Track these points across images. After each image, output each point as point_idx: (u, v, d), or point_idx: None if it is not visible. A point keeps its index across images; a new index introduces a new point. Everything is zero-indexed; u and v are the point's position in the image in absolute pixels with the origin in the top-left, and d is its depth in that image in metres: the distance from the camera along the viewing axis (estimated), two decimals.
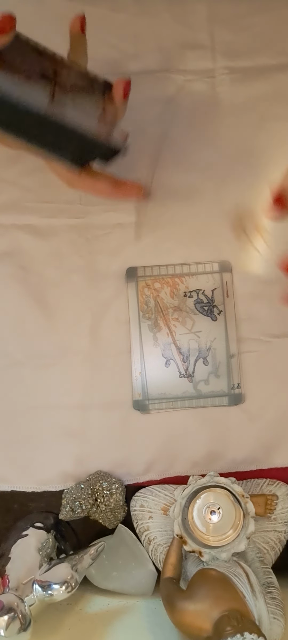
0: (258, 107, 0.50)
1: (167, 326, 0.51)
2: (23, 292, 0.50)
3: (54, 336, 0.50)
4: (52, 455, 0.50)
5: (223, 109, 0.50)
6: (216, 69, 0.50)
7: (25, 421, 0.50)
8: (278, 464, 0.50)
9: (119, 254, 0.51)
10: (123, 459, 0.50)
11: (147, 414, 0.50)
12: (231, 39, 0.50)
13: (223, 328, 0.50)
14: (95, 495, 0.49)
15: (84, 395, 0.50)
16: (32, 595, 0.42)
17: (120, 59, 0.50)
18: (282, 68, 0.50)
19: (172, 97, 0.50)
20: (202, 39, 0.50)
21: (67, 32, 0.50)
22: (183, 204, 0.51)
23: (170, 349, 0.50)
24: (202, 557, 0.43)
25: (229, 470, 0.50)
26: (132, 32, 0.50)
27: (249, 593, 0.40)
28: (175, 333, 0.50)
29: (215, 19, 0.50)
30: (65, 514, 0.48)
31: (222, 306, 0.50)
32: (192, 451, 0.50)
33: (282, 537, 0.48)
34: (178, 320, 0.51)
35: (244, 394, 0.50)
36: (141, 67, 0.50)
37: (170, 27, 0.50)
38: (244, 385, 0.50)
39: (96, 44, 0.50)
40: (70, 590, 0.42)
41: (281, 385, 0.50)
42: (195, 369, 0.50)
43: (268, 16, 0.50)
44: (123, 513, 0.49)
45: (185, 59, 0.50)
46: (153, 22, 0.50)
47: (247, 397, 0.50)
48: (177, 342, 0.50)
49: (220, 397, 0.50)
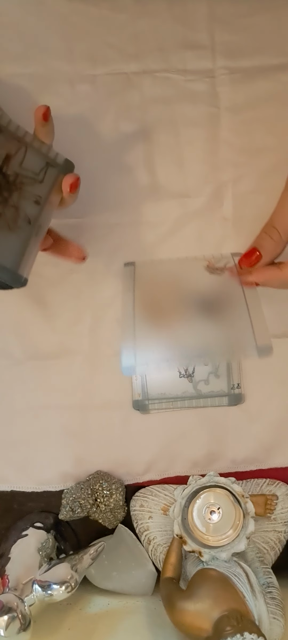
0: (258, 107, 0.50)
1: None
2: (23, 292, 0.50)
3: (54, 336, 0.50)
4: (51, 455, 0.50)
5: (223, 109, 0.50)
6: (216, 69, 0.50)
7: (25, 421, 0.50)
8: (278, 464, 0.50)
9: (118, 253, 0.51)
10: (123, 459, 0.50)
11: (147, 414, 0.50)
12: (231, 39, 0.50)
13: None
14: (95, 495, 0.49)
15: (83, 395, 0.50)
16: (32, 595, 0.42)
17: (120, 59, 0.50)
18: (282, 68, 0.50)
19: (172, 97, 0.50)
20: (202, 39, 0.50)
21: (67, 32, 0.50)
22: (183, 204, 0.50)
23: None
24: (201, 557, 0.43)
25: (229, 470, 0.50)
26: (132, 32, 0.50)
27: (249, 593, 0.40)
28: None
29: (215, 19, 0.50)
30: (65, 514, 0.48)
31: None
32: (192, 451, 0.50)
33: (282, 537, 0.48)
34: None
35: (244, 394, 0.50)
36: (141, 67, 0.50)
37: (170, 27, 0.50)
38: (244, 386, 0.50)
39: (96, 44, 0.50)
40: (70, 590, 0.42)
41: (281, 385, 0.50)
42: (195, 369, 0.50)
43: (268, 16, 0.50)
44: (123, 513, 0.49)
45: (185, 59, 0.50)
46: (154, 22, 0.50)
47: (247, 397, 0.50)
48: None
49: (220, 397, 0.50)
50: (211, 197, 0.50)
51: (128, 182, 0.50)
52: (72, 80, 0.50)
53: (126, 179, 0.50)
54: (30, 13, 0.50)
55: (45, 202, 0.41)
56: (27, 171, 0.41)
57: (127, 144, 0.50)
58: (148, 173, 0.50)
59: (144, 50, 0.50)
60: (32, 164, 0.41)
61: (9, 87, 0.49)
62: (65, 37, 0.50)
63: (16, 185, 0.40)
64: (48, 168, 0.42)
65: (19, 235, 0.40)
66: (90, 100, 0.50)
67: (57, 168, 0.42)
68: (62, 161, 0.42)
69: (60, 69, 0.50)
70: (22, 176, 0.40)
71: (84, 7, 0.50)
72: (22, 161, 0.40)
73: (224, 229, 0.51)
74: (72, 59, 0.50)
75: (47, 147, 0.42)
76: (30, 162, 0.41)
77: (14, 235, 0.40)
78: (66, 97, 0.50)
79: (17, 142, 0.40)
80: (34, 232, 0.41)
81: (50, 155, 0.42)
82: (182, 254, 0.51)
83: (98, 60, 0.50)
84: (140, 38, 0.50)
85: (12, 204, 0.40)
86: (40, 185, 0.41)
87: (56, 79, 0.50)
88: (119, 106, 0.50)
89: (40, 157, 0.41)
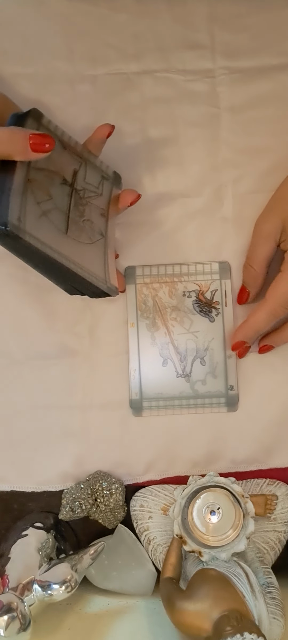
0: (258, 107, 0.50)
1: (165, 326, 0.50)
2: (23, 292, 0.50)
3: (54, 336, 0.50)
4: (51, 455, 0.50)
5: (223, 109, 0.50)
6: (216, 69, 0.50)
7: (25, 421, 0.50)
8: (278, 464, 0.50)
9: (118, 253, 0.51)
10: (123, 459, 0.50)
11: (144, 413, 0.50)
12: (231, 39, 0.50)
13: (221, 329, 0.50)
14: (95, 495, 0.49)
15: (83, 395, 0.50)
16: (32, 595, 0.42)
17: (120, 59, 0.50)
18: (282, 68, 0.50)
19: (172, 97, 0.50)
20: (202, 39, 0.50)
21: (67, 32, 0.50)
22: (183, 204, 0.51)
23: (168, 348, 0.50)
24: (201, 557, 0.43)
25: (229, 470, 0.50)
26: (132, 32, 0.50)
27: (249, 593, 0.40)
28: (173, 333, 0.50)
29: (215, 19, 0.50)
30: (65, 514, 0.48)
31: (220, 307, 0.50)
32: (191, 451, 0.50)
33: (282, 537, 0.48)
34: (177, 320, 0.50)
35: (241, 394, 0.50)
36: (141, 67, 0.50)
37: (170, 27, 0.50)
38: (243, 386, 0.50)
39: (96, 44, 0.50)
40: (70, 590, 0.42)
41: (281, 385, 0.50)
42: (192, 369, 0.50)
43: (268, 16, 0.50)
44: (123, 513, 0.49)
45: (185, 59, 0.50)
46: (154, 22, 0.50)
47: (247, 397, 0.50)
48: (174, 342, 0.50)
49: (217, 398, 0.50)
50: (211, 197, 0.50)
51: (128, 182, 0.50)
52: (72, 80, 0.50)
53: (126, 179, 0.50)
54: (30, 13, 0.50)
55: (108, 214, 0.43)
56: (90, 185, 0.42)
57: (127, 144, 0.50)
58: (148, 173, 0.50)
59: (144, 50, 0.50)
60: (92, 178, 0.42)
61: (9, 87, 0.49)
62: (65, 37, 0.50)
63: (86, 200, 0.41)
64: (103, 181, 0.43)
65: (99, 247, 0.42)
66: (90, 100, 0.50)
67: (109, 181, 0.44)
68: (112, 173, 0.44)
69: (61, 69, 0.50)
70: (88, 190, 0.42)
71: (84, 7, 0.50)
72: (85, 176, 0.42)
73: (224, 229, 0.51)
74: (72, 59, 0.50)
75: (99, 161, 0.43)
76: (90, 176, 0.42)
77: (96, 248, 0.42)
78: (66, 97, 0.50)
79: (78, 158, 0.41)
80: (106, 243, 0.43)
81: (103, 169, 0.43)
82: (182, 254, 0.51)
83: (98, 60, 0.50)
84: (140, 38, 0.50)
85: (87, 218, 0.41)
86: (101, 198, 0.43)
87: (56, 79, 0.50)
88: (119, 106, 0.50)
89: (97, 170, 0.43)
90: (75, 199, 0.40)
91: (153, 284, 0.50)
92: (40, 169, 0.38)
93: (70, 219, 0.40)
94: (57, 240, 0.38)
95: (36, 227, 0.36)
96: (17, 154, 0.36)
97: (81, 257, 0.40)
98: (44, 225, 0.38)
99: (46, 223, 0.38)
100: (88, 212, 0.41)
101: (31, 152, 0.36)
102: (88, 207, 0.41)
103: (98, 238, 0.42)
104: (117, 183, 0.45)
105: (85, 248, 0.41)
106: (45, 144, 0.36)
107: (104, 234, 0.43)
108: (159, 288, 0.50)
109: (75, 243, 0.40)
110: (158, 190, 0.50)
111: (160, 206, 0.50)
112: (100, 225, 0.43)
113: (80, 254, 0.40)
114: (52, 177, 0.39)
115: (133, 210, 0.49)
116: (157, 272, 0.51)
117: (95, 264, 0.41)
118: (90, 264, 0.40)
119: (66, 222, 0.39)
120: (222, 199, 0.50)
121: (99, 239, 0.42)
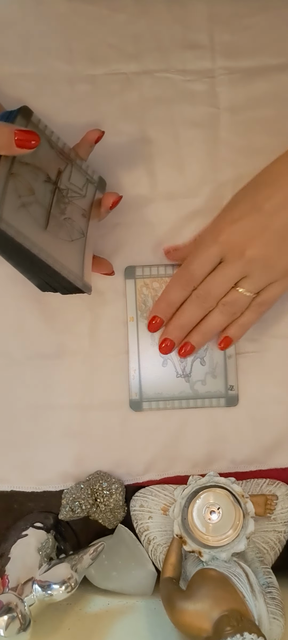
0: (258, 107, 0.50)
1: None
2: (23, 292, 0.50)
3: (54, 336, 0.50)
4: (51, 455, 0.50)
5: (223, 109, 0.50)
6: (215, 69, 0.50)
7: (25, 421, 0.50)
8: (278, 464, 0.50)
9: (118, 253, 0.51)
10: (122, 459, 0.50)
11: (144, 413, 0.50)
12: (231, 39, 0.50)
13: None
14: (95, 495, 0.49)
15: (83, 395, 0.50)
16: (32, 595, 0.42)
17: (119, 59, 0.50)
18: (281, 68, 0.50)
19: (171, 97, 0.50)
20: (202, 39, 0.50)
21: (66, 31, 0.50)
22: (183, 204, 0.50)
23: None
24: (201, 557, 0.43)
25: (229, 470, 0.50)
26: (132, 32, 0.50)
27: (249, 593, 0.40)
28: None
29: (215, 19, 0.50)
30: (65, 514, 0.49)
31: None
32: (191, 451, 0.50)
33: (282, 537, 0.48)
34: None
35: (241, 394, 0.50)
36: (140, 67, 0.50)
37: (170, 27, 0.50)
38: (243, 386, 0.50)
39: (96, 44, 0.50)
40: (70, 590, 0.42)
41: (281, 385, 0.50)
42: (192, 369, 0.50)
43: (268, 16, 0.50)
44: (123, 513, 0.49)
45: (184, 59, 0.50)
46: (153, 22, 0.50)
47: (247, 397, 0.50)
48: None
49: (217, 398, 0.50)
50: (211, 197, 0.50)
51: (127, 182, 0.50)
52: (71, 80, 0.50)
53: (125, 179, 0.50)
54: (30, 13, 0.50)
55: (89, 215, 0.44)
56: (74, 186, 0.43)
57: (126, 144, 0.50)
58: (147, 173, 0.50)
59: (144, 50, 0.50)
60: (77, 179, 0.44)
61: (9, 87, 0.49)
62: (64, 37, 0.50)
63: (68, 199, 0.42)
64: (88, 184, 0.45)
65: (78, 245, 0.43)
66: (90, 100, 0.50)
67: (94, 184, 0.45)
68: (97, 178, 0.45)
69: (60, 69, 0.50)
70: (71, 190, 0.43)
71: (84, 6, 0.50)
72: (70, 176, 0.43)
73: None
74: (72, 59, 0.50)
75: (86, 164, 0.45)
76: (75, 177, 0.43)
77: (74, 246, 0.43)
78: (66, 97, 0.50)
79: (65, 159, 0.43)
80: (86, 243, 0.44)
81: (88, 172, 0.45)
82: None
83: (97, 60, 0.50)
84: (139, 38, 0.50)
85: (68, 216, 0.42)
86: (84, 200, 0.44)
87: (56, 78, 0.50)
88: (118, 106, 0.50)
89: (82, 173, 0.44)
90: (58, 196, 0.41)
91: (153, 284, 0.50)
92: (25, 164, 0.39)
93: (51, 215, 0.41)
94: (34, 232, 0.39)
95: (13, 217, 0.37)
96: (1, 148, 0.36)
97: (57, 252, 0.41)
98: (22, 217, 0.38)
99: (25, 215, 0.38)
100: (70, 211, 0.42)
101: (15, 147, 0.36)
102: (70, 206, 0.43)
103: (78, 237, 0.43)
104: (102, 188, 0.46)
105: (63, 244, 0.42)
106: (30, 141, 0.37)
107: (84, 234, 0.44)
108: (159, 288, 0.50)
109: (54, 238, 0.41)
110: (158, 190, 0.50)
111: (159, 206, 0.50)
112: (81, 224, 0.44)
113: (57, 249, 0.41)
114: (36, 173, 0.40)
115: (133, 210, 0.49)
116: (157, 272, 0.51)
117: (71, 261, 0.42)
118: (66, 260, 0.41)
119: (46, 218, 0.40)
120: (222, 199, 0.50)
121: (79, 238, 0.43)
